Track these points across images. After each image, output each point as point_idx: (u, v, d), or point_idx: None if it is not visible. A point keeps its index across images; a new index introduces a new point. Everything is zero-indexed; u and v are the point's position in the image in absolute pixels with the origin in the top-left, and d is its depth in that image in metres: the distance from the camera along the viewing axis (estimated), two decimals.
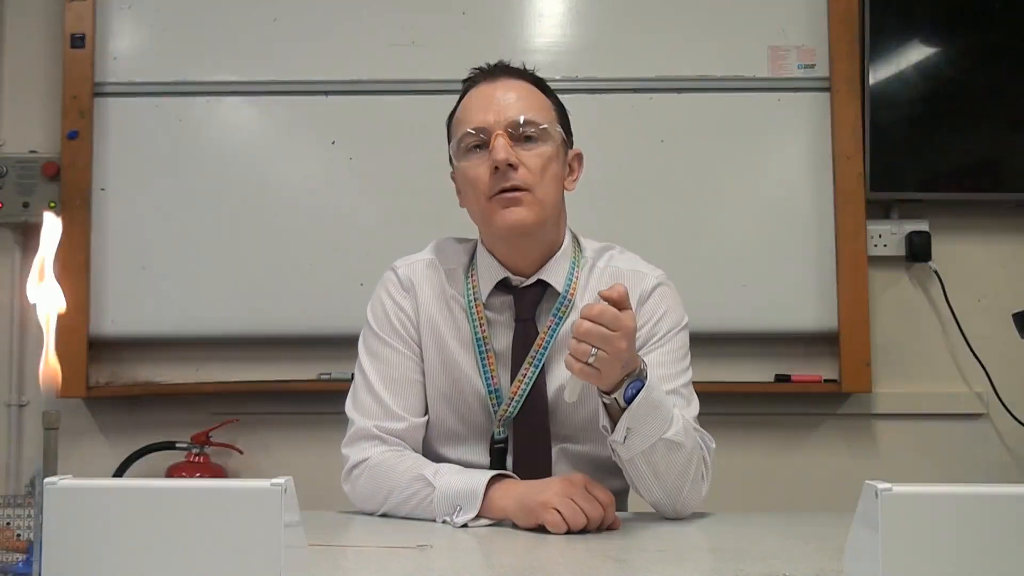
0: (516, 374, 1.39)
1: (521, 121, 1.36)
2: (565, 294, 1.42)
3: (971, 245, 2.59)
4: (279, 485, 0.77)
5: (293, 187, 2.53)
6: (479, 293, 1.43)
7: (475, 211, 1.42)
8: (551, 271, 1.43)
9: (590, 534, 1.16)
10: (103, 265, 2.51)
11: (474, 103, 1.40)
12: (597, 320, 1.13)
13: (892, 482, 0.78)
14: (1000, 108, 2.54)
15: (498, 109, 1.37)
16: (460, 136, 1.39)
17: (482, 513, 1.22)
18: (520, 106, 1.38)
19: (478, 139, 1.37)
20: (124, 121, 2.54)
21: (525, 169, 1.35)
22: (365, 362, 1.44)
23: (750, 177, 2.53)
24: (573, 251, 1.47)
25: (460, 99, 1.45)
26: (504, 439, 1.40)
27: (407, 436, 1.40)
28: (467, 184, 1.40)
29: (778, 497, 2.53)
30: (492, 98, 1.39)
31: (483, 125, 1.37)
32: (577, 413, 1.40)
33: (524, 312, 1.42)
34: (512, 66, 1.45)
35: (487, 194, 1.36)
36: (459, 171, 1.42)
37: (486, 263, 1.44)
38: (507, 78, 1.42)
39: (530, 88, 1.42)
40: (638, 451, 1.23)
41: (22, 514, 1.06)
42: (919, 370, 2.58)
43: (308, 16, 2.55)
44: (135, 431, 2.55)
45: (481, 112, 1.38)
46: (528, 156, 1.36)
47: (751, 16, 2.54)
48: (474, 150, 1.38)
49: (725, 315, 2.46)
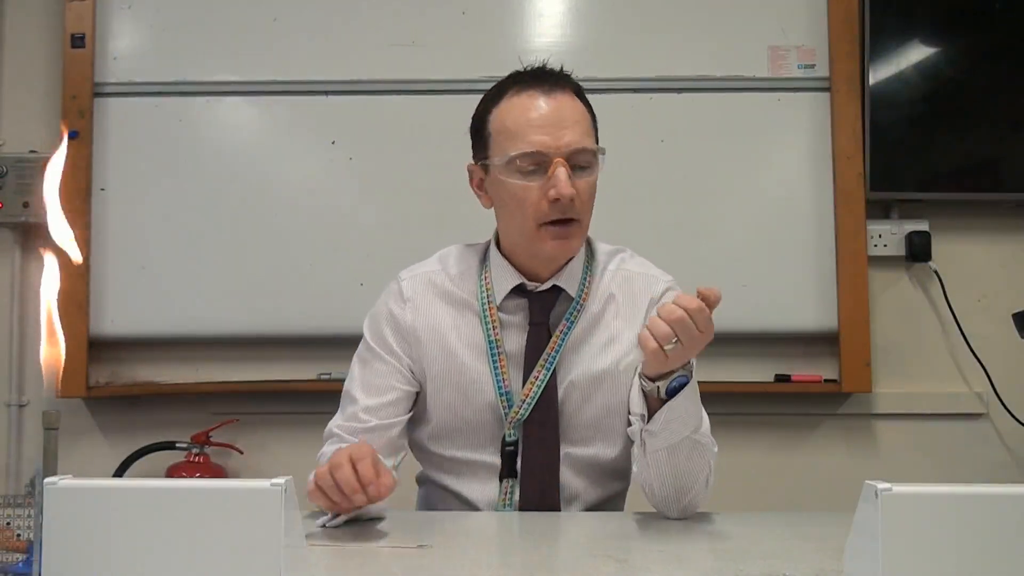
0: (528, 377, 1.40)
1: (581, 149, 1.35)
2: (578, 298, 1.43)
3: (971, 245, 2.59)
4: (279, 485, 0.77)
5: (293, 187, 2.53)
6: (493, 296, 1.43)
7: (517, 230, 1.40)
8: (566, 277, 1.43)
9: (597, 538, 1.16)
10: (103, 265, 2.51)
11: (531, 118, 1.35)
12: (693, 315, 1.13)
13: (892, 482, 0.78)
14: (1000, 108, 2.54)
15: (557, 132, 1.34)
16: (514, 154, 1.34)
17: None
18: (577, 132, 1.36)
19: (535, 161, 1.34)
20: (124, 121, 2.54)
21: (579, 199, 1.35)
22: (353, 367, 1.47)
23: (750, 177, 2.53)
24: (585, 254, 1.48)
25: (501, 97, 1.40)
26: (515, 441, 1.40)
27: (368, 437, 1.37)
28: (513, 202, 1.37)
29: (778, 497, 2.53)
30: (549, 117, 1.35)
31: (543, 149, 1.33)
32: (583, 412, 1.41)
33: (538, 316, 1.43)
34: (560, 72, 1.42)
35: (538, 220, 1.35)
36: (504, 187, 1.37)
37: (501, 267, 1.44)
38: (561, 92, 1.38)
39: (580, 106, 1.40)
40: (667, 444, 1.23)
41: (22, 514, 1.06)
42: (919, 370, 2.58)
43: (308, 16, 2.55)
44: (135, 431, 2.55)
45: (539, 131, 1.34)
46: (582, 185, 1.36)
47: (751, 16, 2.54)
48: (529, 171, 1.35)
49: (725, 315, 2.40)
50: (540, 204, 1.35)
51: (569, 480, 1.42)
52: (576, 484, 1.42)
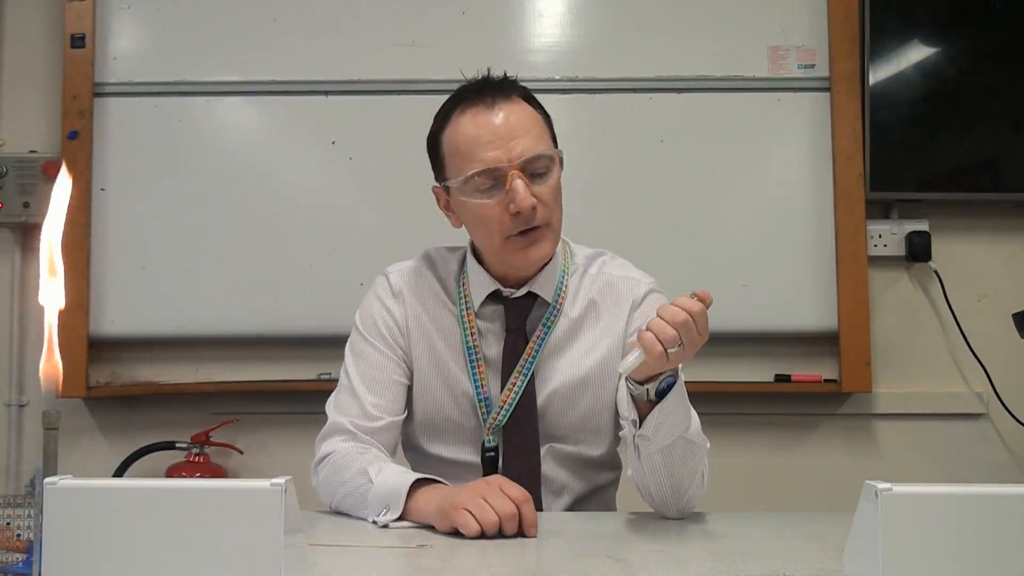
0: (506, 383, 1.40)
1: (534, 157, 1.33)
2: (555, 303, 1.43)
3: (971, 245, 2.59)
4: (279, 485, 0.77)
5: (293, 187, 2.53)
6: (471, 303, 1.44)
7: (487, 247, 1.40)
8: (541, 282, 1.43)
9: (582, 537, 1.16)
10: (103, 265, 2.51)
11: (479, 136, 1.34)
12: (696, 318, 1.13)
13: (892, 482, 0.78)
14: (1000, 108, 2.54)
15: (507, 144, 1.32)
16: (469, 175, 1.33)
17: (404, 515, 1.21)
18: (528, 141, 1.33)
19: (492, 177, 1.33)
20: (124, 121, 2.54)
21: (542, 206, 1.34)
22: (348, 361, 1.46)
23: (750, 177, 2.53)
24: (563, 259, 1.47)
25: (448, 119, 1.39)
26: (494, 447, 1.40)
27: (379, 435, 1.40)
28: (477, 220, 1.37)
29: (778, 497, 2.53)
30: (496, 130, 1.33)
31: (495, 165, 1.32)
32: (570, 414, 1.42)
33: (514, 322, 1.43)
34: (499, 80, 1.40)
35: (504, 235, 1.35)
36: (466, 206, 1.37)
37: (477, 274, 1.45)
38: (503, 101, 1.36)
39: (526, 109, 1.38)
40: (660, 446, 1.23)
41: (22, 514, 1.06)
42: (919, 370, 2.58)
43: (308, 16, 2.55)
44: (135, 431, 2.55)
45: (489, 148, 1.32)
46: (543, 191, 1.34)
47: (751, 16, 2.54)
48: (487, 189, 1.34)
49: (725, 315, 2.42)
50: (503, 219, 1.34)
51: (556, 473, 1.43)
52: (562, 477, 1.44)
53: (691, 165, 2.52)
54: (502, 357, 1.42)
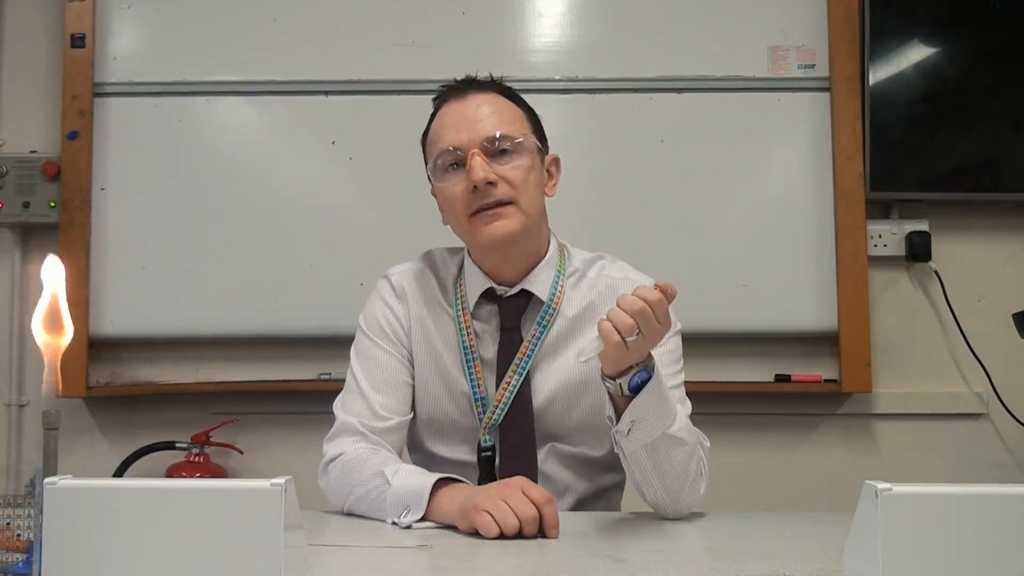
0: (500, 382, 1.41)
1: (496, 136, 1.36)
2: (550, 303, 1.43)
3: (971, 245, 2.59)
4: (279, 485, 0.77)
5: (293, 187, 2.53)
6: (467, 303, 1.45)
7: (458, 229, 1.43)
8: (534, 280, 1.44)
9: (599, 535, 1.16)
10: (103, 265, 2.51)
11: (446, 122, 1.40)
12: (654, 307, 1.13)
13: (892, 482, 0.78)
14: (1000, 108, 2.54)
15: (471, 127, 1.37)
16: (436, 156, 1.40)
17: (427, 516, 1.21)
18: (493, 121, 1.38)
19: (454, 158, 1.38)
20: (124, 121, 2.54)
21: (505, 183, 1.36)
22: (354, 363, 1.47)
23: (750, 177, 2.53)
24: (559, 260, 1.47)
25: (431, 119, 1.45)
26: (491, 447, 1.40)
27: (389, 435, 1.40)
28: (447, 203, 1.41)
29: (778, 497, 2.53)
30: (464, 115, 1.39)
31: (457, 144, 1.37)
32: (570, 415, 1.42)
33: (508, 321, 1.44)
34: (479, 79, 1.45)
35: (467, 212, 1.38)
36: (438, 191, 1.43)
37: (473, 274, 1.46)
38: (476, 92, 1.41)
39: (501, 100, 1.42)
40: (642, 444, 1.23)
41: (22, 514, 1.06)
42: (919, 370, 2.58)
43: (308, 16, 2.55)
44: (135, 431, 2.55)
45: (454, 131, 1.38)
46: (506, 170, 1.37)
47: (751, 16, 2.54)
48: (451, 169, 1.39)
49: (725, 315, 2.46)
50: (465, 197, 1.37)
51: (558, 474, 1.43)
52: (565, 477, 1.44)
53: (691, 165, 2.52)
54: (497, 356, 1.43)
